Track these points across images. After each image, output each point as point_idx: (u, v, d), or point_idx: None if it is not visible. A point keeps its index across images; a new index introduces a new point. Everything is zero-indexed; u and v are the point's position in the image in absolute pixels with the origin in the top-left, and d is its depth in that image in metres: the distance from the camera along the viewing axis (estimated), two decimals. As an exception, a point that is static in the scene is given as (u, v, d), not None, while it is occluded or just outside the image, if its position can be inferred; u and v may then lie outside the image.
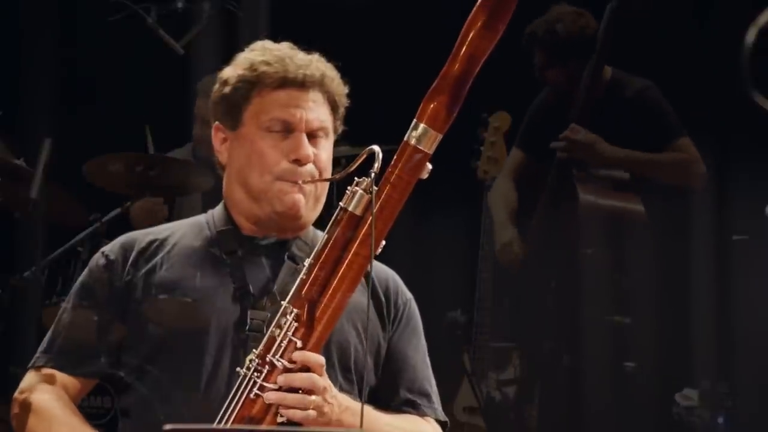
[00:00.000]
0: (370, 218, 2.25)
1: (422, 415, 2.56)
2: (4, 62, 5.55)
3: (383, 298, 2.56)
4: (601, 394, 4.62)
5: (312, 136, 2.47)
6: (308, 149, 2.45)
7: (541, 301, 4.87)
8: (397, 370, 2.56)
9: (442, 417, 2.59)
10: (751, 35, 2.13)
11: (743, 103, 2.18)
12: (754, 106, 2.16)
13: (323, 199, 2.53)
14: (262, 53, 2.51)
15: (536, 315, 4.91)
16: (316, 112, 2.48)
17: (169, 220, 4.68)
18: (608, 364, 4.64)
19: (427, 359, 2.62)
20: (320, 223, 2.50)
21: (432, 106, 2.27)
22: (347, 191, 2.30)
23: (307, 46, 2.54)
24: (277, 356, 2.24)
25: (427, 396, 2.58)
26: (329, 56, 2.55)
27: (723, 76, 3.37)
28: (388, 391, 2.54)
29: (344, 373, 2.46)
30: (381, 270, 2.59)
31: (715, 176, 4.79)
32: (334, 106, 2.52)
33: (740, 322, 4.75)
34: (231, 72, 2.52)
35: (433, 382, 2.61)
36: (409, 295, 2.62)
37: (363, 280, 2.35)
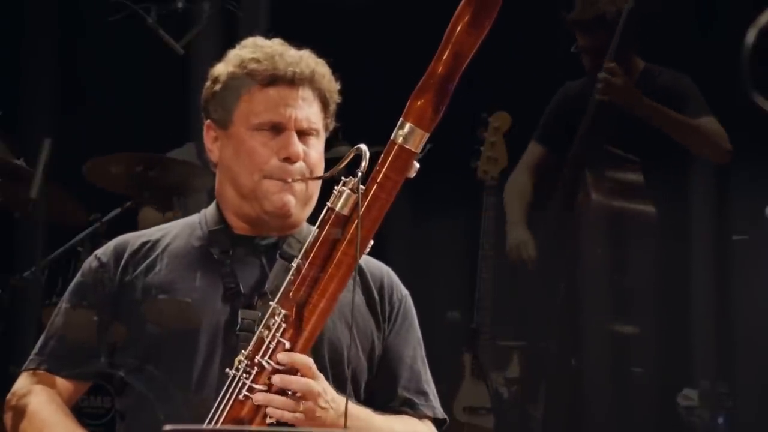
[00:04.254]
0: (357, 218, 2.24)
1: (420, 414, 2.54)
2: (4, 62, 5.55)
3: (377, 296, 2.54)
4: (601, 393, 4.62)
5: (302, 134, 2.45)
6: (298, 147, 2.44)
7: (544, 301, 4.87)
8: (393, 368, 2.54)
9: (441, 415, 2.57)
10: (751, 36, 2.13)
11: (743, 104, 2.18)
12: (754, 107, 2.16)
13: (315, 198, 2.51)
14: (252, 50, 2.49)
15: (538, 315, 4.90)
16: (306, 110, 2.46)
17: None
18: (609, 364, 4.64)
19: (424, 356, 2.60)
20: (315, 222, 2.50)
21: (418, 104, 2.25)
22: (334, 191, 2.28)
23: (306, 46, 2.53)
24: (265, 358, 2.23)
25: (424, 394, 2.56)
26: (329, 56, 2.54)
27: (723, 76, 3.37)
28: (385, 390, 2.53)
29: (335, 372, 2.44)
30: (375, 267, 2.57)
31: (715, 176, 4.78)
32: (324, 103, 2.50)
33: (740, 323, 4.75)
34: (221, 69, 2.51)
35: (430, 379, 2.59)
36: (404, 291, 2.60)
37: (357, 278, 2.35)
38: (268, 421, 2.23)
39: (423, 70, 2.28)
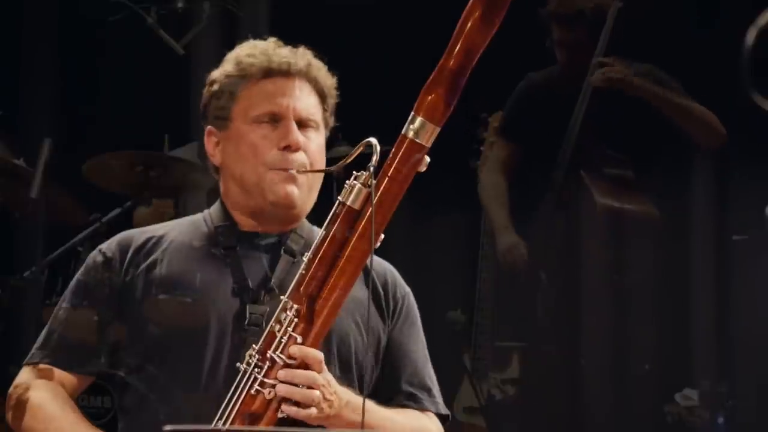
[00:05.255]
0: (369, 212, 2.25)
1: (423, 408, 2.55)
2: (4, 62, 5.55)
3: (381, 291, 2.56)
4: (601, 393, 4.62)
5: (301, 125, 2.47)
6: (297, 135, 2.45)
7: (543, 302, 4.86)
8: (397, 363, 2.55)
9: (444, 410, 2.59)
10: (751, 36, 2.13)
11: (743, 104, 2.18)
12: (754, 107, 2.16)
13: (317, 190, 2.52)
14: (246, 49, 2.53)
15: (538, 315, 4.90)
16: (304, 100, 2.48)
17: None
18: (609, 364, 4.64)
19: (427, 353, 2.61)
20: (318, 218, 2.50)
21: (429, 98, 2.25)
22: (345, 185, 2.29)
23: (307, 46, 2.54)
24: (277, 352, 2.24)
25: (427, 390, 2.57)
26: (329, 56, 2.55)
27: (723, 76, 3.37)
28: (389, 384, 2.54)
29: (344, 366, 2.45)
30: (378, 263, 2.58)
31: (715, 176, 4.78)
32: (322, 96, 2.52)
33: (740, 323, 4.75)
34: (217, 72, 2.54)
35: (434, 375, 2.61)
36: (407, 288, 2.62)
37: (362, 274, 2.35)
38: (279, 415, 2.23)
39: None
